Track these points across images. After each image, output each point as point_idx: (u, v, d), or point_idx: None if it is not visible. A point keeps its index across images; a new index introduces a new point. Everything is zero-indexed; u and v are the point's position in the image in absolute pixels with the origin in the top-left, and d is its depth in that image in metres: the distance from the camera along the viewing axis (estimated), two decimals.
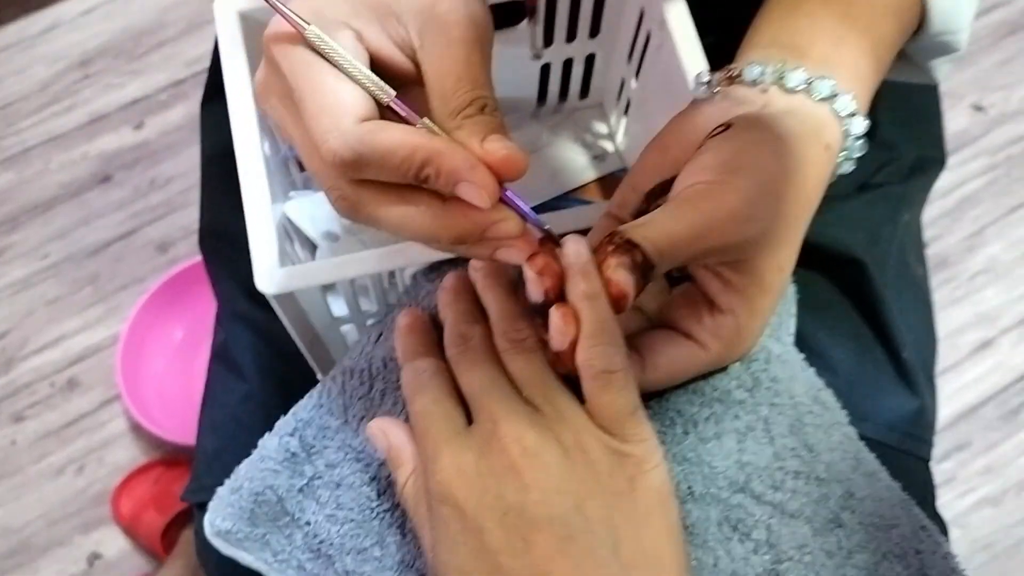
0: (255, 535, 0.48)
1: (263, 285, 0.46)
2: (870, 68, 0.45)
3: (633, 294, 0.36)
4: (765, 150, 0.40)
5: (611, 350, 0.37)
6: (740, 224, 0.38)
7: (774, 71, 0.42)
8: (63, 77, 1.48)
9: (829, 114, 0.42)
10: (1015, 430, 1.23)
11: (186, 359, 1.27)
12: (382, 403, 0.46)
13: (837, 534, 0.41)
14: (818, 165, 0.42)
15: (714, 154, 0.40)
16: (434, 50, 0.36)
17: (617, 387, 0.37)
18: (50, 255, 1.35)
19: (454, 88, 0.36)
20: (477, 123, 0.35)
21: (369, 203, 0.36)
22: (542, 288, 0.37)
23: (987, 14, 1.49)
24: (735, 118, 0.42)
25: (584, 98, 0.67)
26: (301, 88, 0.35)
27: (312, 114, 0.35)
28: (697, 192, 0.39)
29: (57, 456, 1.24)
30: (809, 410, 0.45)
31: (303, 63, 0.36)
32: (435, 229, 0.36)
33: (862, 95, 0.44)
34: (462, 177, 0.34)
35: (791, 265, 0.42)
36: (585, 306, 0.37)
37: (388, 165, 0.34)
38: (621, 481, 0.37)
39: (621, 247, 0.36)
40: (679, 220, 0.38)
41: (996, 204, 1.36)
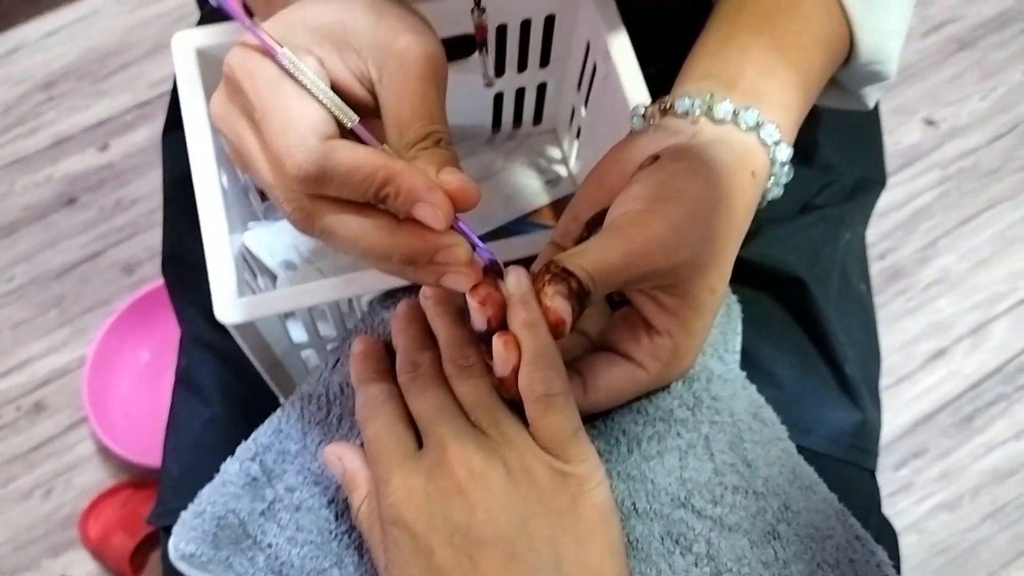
0: (219, 558, 0.49)
1: (223, 315, 0.47)
2: (798, 98, 0.47)
3: (570, 320, 0.38)
4: (692, 179, 0.42)
5: (551, 375, 0.38)
6: (669, 250, 0.40)
7: (703, 103, 0.44)
8: (27, 99, 1.48)
9: (755, 143, 0.44)
10: (969, 437, 1.26)
11: (153, 381, 1.27)
12: (339, 428, 0.48)
13: (774, 546, 0.43)
14: (746, 191, 0.44)
15: (643, 184, 0.42)
16: (392, 85, 0.37)
17: (557, 409, 0.39)
18: (15, 278, 1.34)
19: (410, 122, 0.37)
20: (432, 155, 0.37)
21: (326, 216, 0.37)
22: (484, 317, 0.39)
23: (937, 30, 1.53)
24: (664, 149, 0.44)
25: (537, 124, 0.69)
26: (266, 106, 0.37)
27: (278, 130, 0.36)
28: (627, 220, 0.40)
29: (24, 480, 1.23)
30: (748, 427, 0.47)
31: (269, 83, 0.37)
32: (388, 246, 0.37)
33: (788, 124, 0.46)
34: (420, 197, 0.35)
35: (723, 286, 0.43)
36: (525, 334, 0.38)
37: (350, 182, 0.36)
38: (564, 500, 0.39)
39: (557, 276, 0.38)
40: (611, 248, 0.39)
41: (948, 216, 1.39)
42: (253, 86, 0.37)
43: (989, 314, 1.32)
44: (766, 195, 0.46)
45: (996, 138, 1.44)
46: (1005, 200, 1.40)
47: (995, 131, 1.45)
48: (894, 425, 1.26)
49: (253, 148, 0.37)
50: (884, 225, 1.38)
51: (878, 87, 0.53)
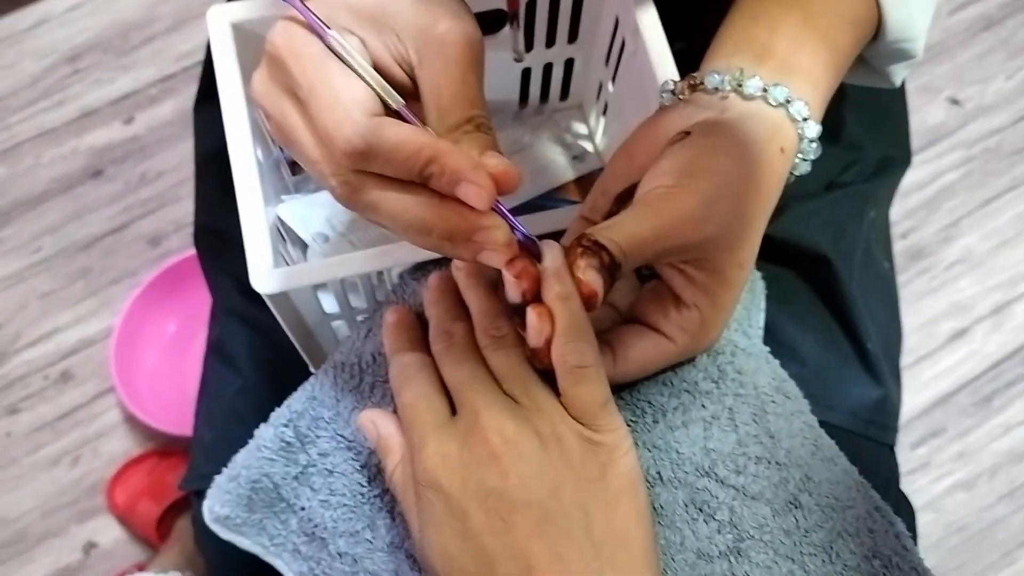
0: (252, 520, 0.51)
1: (259, 285, 0.48)
2: (827, 75, 0.47)
3: (602, 292, 0.39)
4: (722, 154, 0.42)
5: (583, 346, 0.39)
6: (699, 224, 0.41)
7: (732, 79, 0.45)
8: (53, 72, 1.49)
9: (784, 119, 0.45)
10: (988, 417, 1.26)
11: (179, 351, 1.29)
12: (371, 395, 0.49)
13: (795, 515, 0.44)
14: (774, 167, 0.44)
15: (673, 160, 0.42)
16: (432, 68, 0.38)
17: (589, 380, 0.40)
18: (42, 249, 1.37)
19: (451, 106, 0.38)
20: (474, 139, 0.37)
21: (371, 190, 0.37)
22: (520, 290, 0.39)
23: (964, 9, 1.51)
24: (694, 125, 0.44)
25: (564, 100, 0.70)
26: (313, 83, 0.37)
27: (325, 105, 0.37)
28: (658, 195, 0.41)
29: (52, 448, 1.26)
30: (772, 400, 0.48)
31: (315, 61, 0.37)
32: (429, 222, 0.37)
33: (817, 100, 0.46)
34: (464, 177, 0.36)
35: (751, 261, 0.44)
36: (559, 306, 0.39)
37: (396, 158, 0.36)
38: (593, 467, 0.40)
39: (589, 249, 0.39)
40: (642, 222, 0.40)
41: (972, 196, 1.39)
42: (299, 64, 0.37)
43: (1011, 295, 1.32)
44: (794, 171, 0.47)
45: (1021, 118, 1.44)
46: None
47: (1020, 111, 1.44)
48: (913, 404, 1.27)
49: (298, 125, 0.38)
50: (907, 204, 1.38)
51: (905, 65, 0.54)
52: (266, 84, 0.39)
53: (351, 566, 0.47)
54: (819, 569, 0.43)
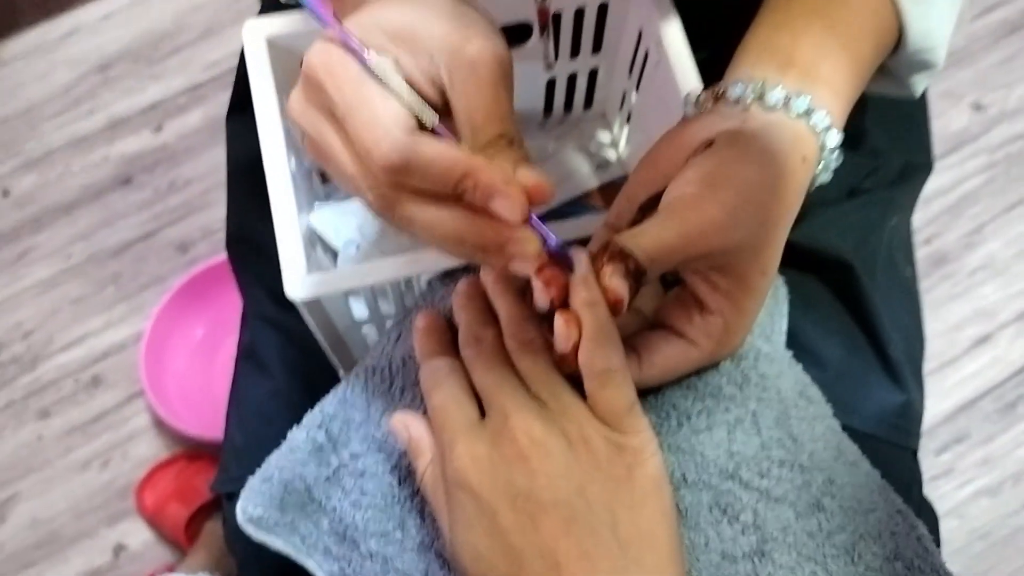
0: (285, 521, 0.52)
1: (292, 292, 0.49)
2: (849, 84, 0.48)
3: (628, 298, 0.40)
4: (745, 164, 0.43)
5: (610, 351, 0.41)
6: (722, 232, 0.42)
7: (754, 89, 0.46)
8: (84, 81, 1.52)
9: (806, 129, 0.46)
10: (1012, 423, 1.26)
11: (207, 356, 1.31)
12: (401, 398, 0.50)
13: (818, 517, 0.45)
14: (796, 176, 0.45)
15: (697, 169, 0.43)
16: (464, 87, 0.39)
17: (615, 384, 0.41)
18: (73, 255, 1.39)
19: (483, 122, 0.39)
20: (507, 154, 0.39)
21: (407, 204, 0.39)
22: (548, 297, 0.41)
23: (988, 13, 1.51)
24: (717, 135, 0.45)
25: (588, 109, 0.71)
26: (350, 102, 0.38)
27: (364, 123, 0.38)
28: (683, 203, 0.42)
29: (83, 451, 1.28)
30: (795, 404, 0.48)
31: (353, 82, 0.38)
32: (463, 233, 0.39)
33: (839, 110, 0.47)
34: (497, 191, 0.37)
35: (774, 268, 0.45)
36: (586, 312, 0.40)
37: (432, 173, 0.38)
38: (620, 469, 0.41)
39: (616, 256, 0.40)
40: (667, 229, 0.41)
41: (995, 202, 1.38)
42: (336, 85, 0.39)
43: None
44: (816, 179, 0.48)
45: None
46: None
47: None
48: (937, 410, 1.27)
49: (335, 143, 0.39)
50: (930, 210, 1.37)
51: (926, 75, 0.54)
52: (303, 104, 0.40)
53: (382, 566, 0.48)
54: (842, 571, 0.44)
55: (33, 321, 1.35)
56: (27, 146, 1.47)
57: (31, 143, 1.47)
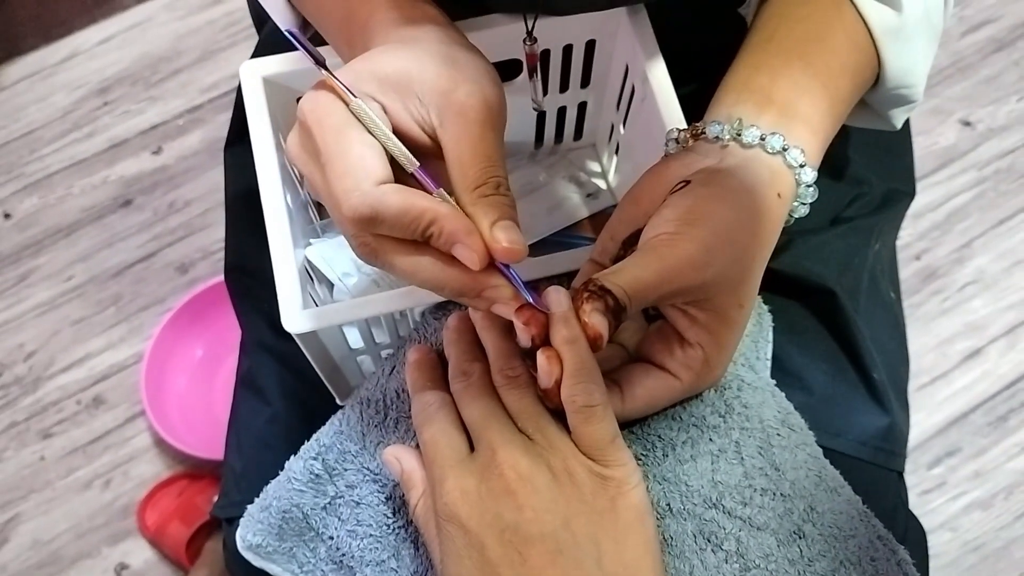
0: (283, 548, 0.54)
1: (290, 326, 0.51)
2: (825, 122, 0.50)
3: (607, 334, 0.41)
4: (720, 203, 0.45)
5: (591, 387, 0.42)
6: (699, 269, 0.43)
7: (732, 128, 0.47)
8: (83, 104, 1.54)
9: (782, 165, 0.47)
10: (1003, 436, 1.27)
11: (207, 376, 1.32)
12: (395, 430, 0.51)
13: (799, 544, 0.46)
14: (772, 211, 0.47)
15: (674, 208, 0.45)
16: (453, 130, 0.41)
17: (597, 419, 0.42)
18: (74, 277, 1.40)
19: (470, 163, 0.41)
20: (491, 204, 0.40)
21: (388, 252, 0.41)
22: (529, 335, 0.42)
23: (976, 31, 1.53)
24: (694, 174, 0.47)
25: (578, 139, 0.73)
26: (330, 151, 0.40)
27: (337, 175, 0.39)
28: (660, 242, 0.44)
29: (84, 471, 1.29)
30: (777, 432, 0.50)
31: (334, 129, 0.40)
32: (441, 280, 0.41)
33: (815, 147, 0.49)
34: (459, 239, 0.39)
35: (751, 301, 0.47)
36: (566, 349, 0.42)
37: (400, 223, 0.39)
38: (604, 501, 0.42)
39: (595, 293, 0.41)
40: (645, 268, 0.43)
41: (984, 217, 1.40)
42: (320, 132, 0.40)
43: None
44: (793, 213, 0.49)
45: None
46: None
47: None
48: (928, 424, 1.28)
49: (322, 188, 0.41)
50: (920, 226, 1.39)
51: (905, 109, 0.56)
52: (298, 147, 0.42)
53: None
54: None
55: (34, 343, 1.36)
56: (28, 169, 1.48)
57: (32, 166, 1.48)
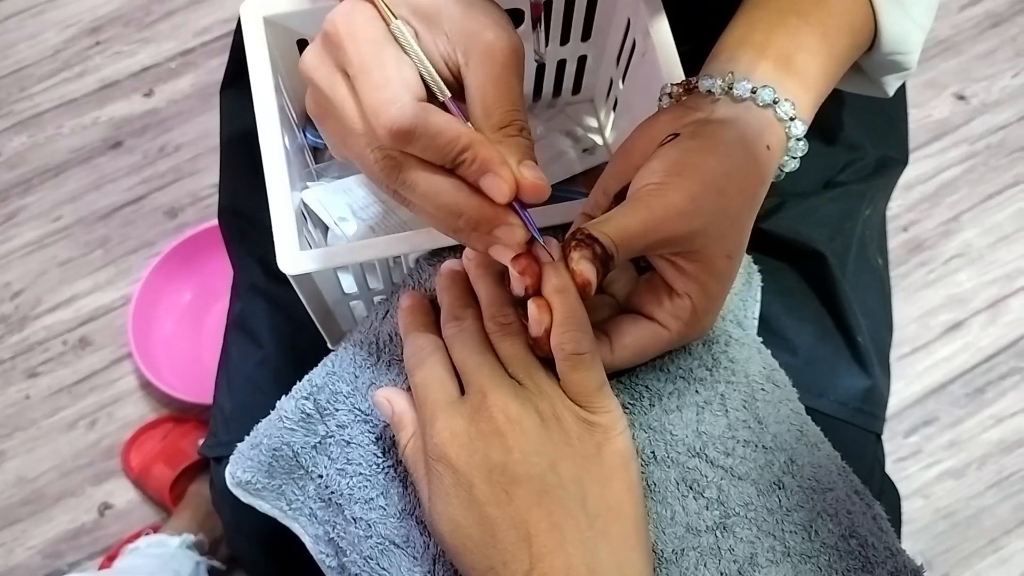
0: (272, 486, 0.54)
1: (285, 267, 0.51)
2: (819, 79, 0.50)
3: (595, 281, 0.42)
4: (707, 154, 0.45)
5: (579, 335, 0.43)
6: (685, 218, 0.43)
7: (723, 83, 0.48)
8: (74, 43, 1.52)
9: (772, 118, 0.48)
10: (980, 408, 1.29)
11: (195, 321, 1.32)
12: (387, 372, 0.52)
13: (778, 495, 0.47)
14: (760, 164, 0.47)
15: (661, 160, 0.45)
16: (480, 71, 0.41)
17: (585, 366, 0.43)
18: (62, 218, 1.40)
19: (495, 105, 0.41)
20: (516, 144, 0.41)
21: (412, 169, 0.40)
22: (523, 284, 0.43)
23: (973, 5, 1.53)
24: (682, 127, 0.47)
25: (576, 94, 0.73)
26: (366, 62, 0.40)
27: (377, 84, 0.39)
28: (647, 192, 0.44)
29: (69, 411, 1.30)
30: (761, 387, 0.51)
31: (373, 43, 0.40)
32: (462, 204, 0.41)
33: (807, 102, 0.49)
34: (491, 168, 0.40)
35: (740, 252, 0.47)
36: (556, 299, 0.43)
37: (436, 142, 0.39)
38: (589, 446, 0.43)
39: (583, 241, 0.42)
40: (632, 216, 0.43)
41: (973, 191, 1.41)
42: (355, 44, 0.40)
43: (1007, 289, 1.35)
44: (783, 167, 0.50)
45: None
46: None
47: None
48: (907, 393, 1.30)
49: (346, 100, 0.41)
50: (909, 198, 1.40)
51: (898, 76, 0.56)
52: (319, 59, 0.42)
53: (365, 530, 0.50)
54: (799, 546, 0.47)
55: (21, 282, 1.36)
56: (17, 107, 1.47)
57: (21, 104, 1.47)
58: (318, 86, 0.42)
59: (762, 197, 0.48)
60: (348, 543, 0.51)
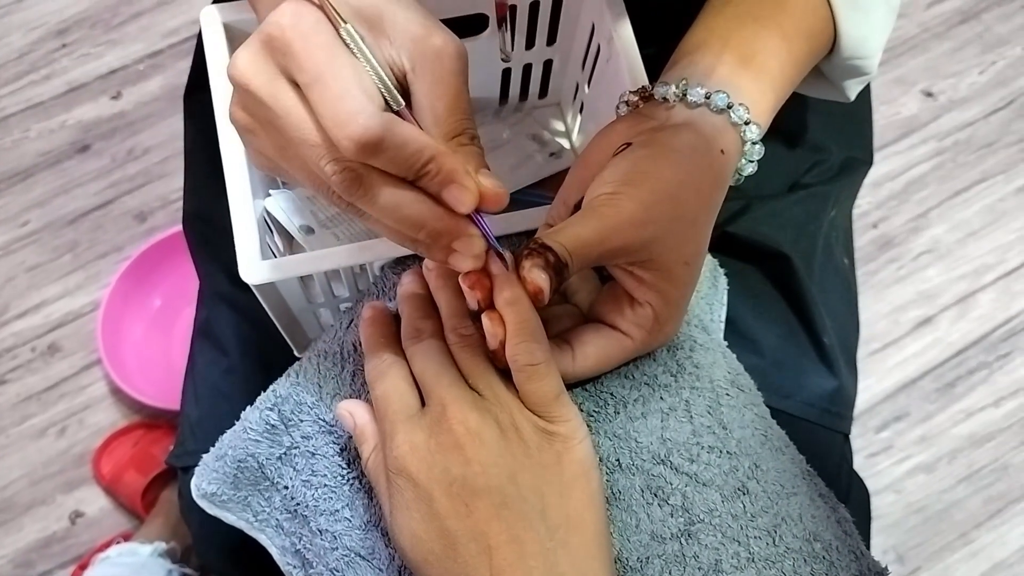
0: (238, 497, 0.54)
1: (247, 276, 0.51)
2: (776, 83, 0.50)
3: (548, 289, 0.42)
4: (659, 162, 0.45)
5: (532, 346, 0.43)
6: (638, 227, 0.43)
7: (678, 90, 0.48)
8: (40, 45, 1.50)
9: (726, 123, 0.48)
10: (949, 403, 1.31)
11: (164, 326, 1.31)
12: (352, 383, 0.52)
13: (743, 500, 0.47)
14: (714, 169, 0.47)
15: (614, 170, 0.45)
16: (427, 77, 0.39)
17: (539, 377, 0.43)
18: (30, 222, 1.38)
19: (446, 114, 0.40)
20: (470, 153, 0.40)
21: (375, 183, 0.39)
22: (475, 298, 0.43)
23: (940, 3, 1.54)
24: (635, 135, 0.47)
25: (543, 97, 0.73)
26: (323, 69, 0.37)
27: (337, 93, 0.37)
28: (600, 202, 0.44)
29: (39, 418, 1.28)
30: (726, 392, 0.51)
31: (326, 48, 0.37)
32: (424, 217, 0.40)
33: (763, 106, 0.49)
34: (455, 179, 0.39)
35: (697, 259, 0.47)
36: (508, 310, 0.43)
37: (402, 154, 0.38)
38: (549, 455, 0.43)
39: (535, 251, 0.42)
40: (584, 226, 0.43)
41: (941, 187, 1.42)
42: (307, 49, 0.37)
43: (975, 285, 1.36)
44: (741, 171, 0.50)
45: (993, 111, 1.47)
46: (998, 173, 1.43)
47: (993, 104, 1.47)
48: (878, 389, 1.31)
49: (294, 109, 0.38)
50: (878, 195, 1.41)
51: (859, 81, 0.57)
52: (257, 64, 0.39)
53: (331, 542, 0.50)
54: (763, 551, 0.47)
55: None
56: None
57: None
58: (255, 94, 0.39)
59: (719, 202, 0.48)
60: (314, 555, 0.51)
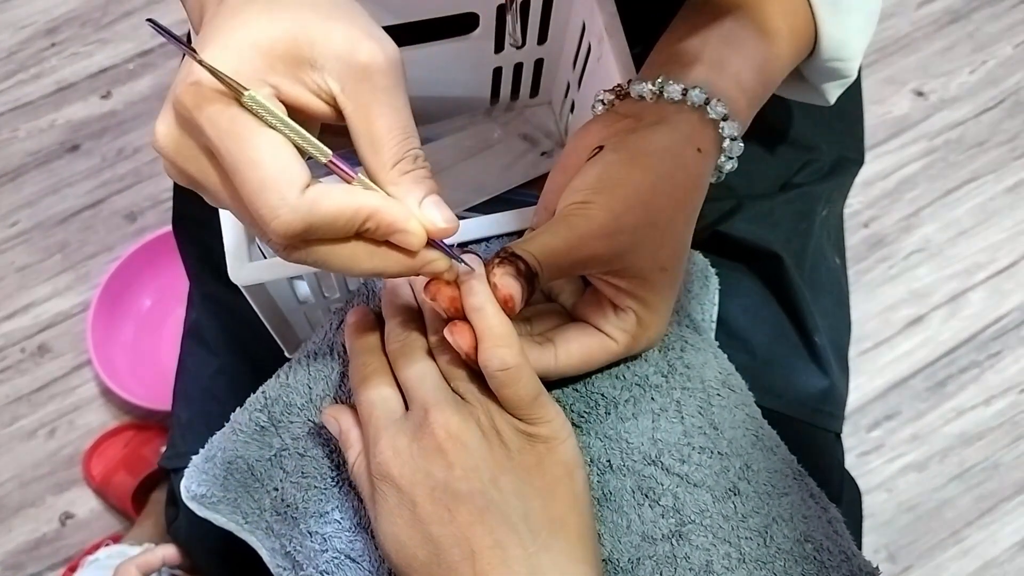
0: (228, 499, 0.54)
1: (236, 277, 0.51)
2: (754, 81, 0.50)
3: (519, 296, 0.41)
4: (629, 167, 0.45)
5: (501, 351, 0.42)
6: (608, 238, 0.43)
7: (655, 87, 0.48)
8: (30, 44, 1.49)
9: (703, 120, 0.47)
10: (941, 401, 1.31)
11: (155, 326, 1.31)
12: (341, 384, 0.51)
13: (734, 501, 0.47)
14: (689, 169, 0.46)
15: (584, 177, 0.45)
16: (359, 98, 0.36)
17: (513, 380, 0.42)
18: (19, 222, 1.37)
19: (384, 137, 0.37)
20: (414, 180, 0.38)
21: (320, 252, 0.37)
22: (441, 309, 0.42)
23: (931, 2, 1.54)
24: (606, 138, 0.47)
25: (534, 96, 0.72)
26: (236, 159, 0.34)
27: (255, 189, 0.34)
28: (570, 211, 0.44)
29: (29, 419, 1.27)
30: (717, 393, 0.51)
31: (232, 130, 0.34)
32: (381, 267, 0.38)
33: (742, 103, 0.49)
34: (399, 228, 0.37)
35: (675, 263, 0.47)
36: (475, 317, 0.42)
37: (335, 226, 0.36)
38: (531, 458, 0.43)
39: (506, 259, 0.41)
40: (555, 235, 0.43)
41: (932, 187, 1.42)
42: (216, 132, 0.34)
43: (966, 284, 1.37)
44: (721, 169, 0.49)
45: (984, 111, 1.47)
46: (988, 173, 1.43)
47: (983, 104, 1.48)
48: (869, 388, 1.31)
49: (221, 191, 0.37)
50: (870, 194, 1.41)
51: (839, 84, 0.56)
52: (177, 139, 0.36)
53: (320, 544, 0.50)
54: (754, 552, 0.47)
55: None
56: None
57: None
58: (183, 169, 0.37)
59: (698, 202, 0.47)
60: (304, 557, 0.50)
